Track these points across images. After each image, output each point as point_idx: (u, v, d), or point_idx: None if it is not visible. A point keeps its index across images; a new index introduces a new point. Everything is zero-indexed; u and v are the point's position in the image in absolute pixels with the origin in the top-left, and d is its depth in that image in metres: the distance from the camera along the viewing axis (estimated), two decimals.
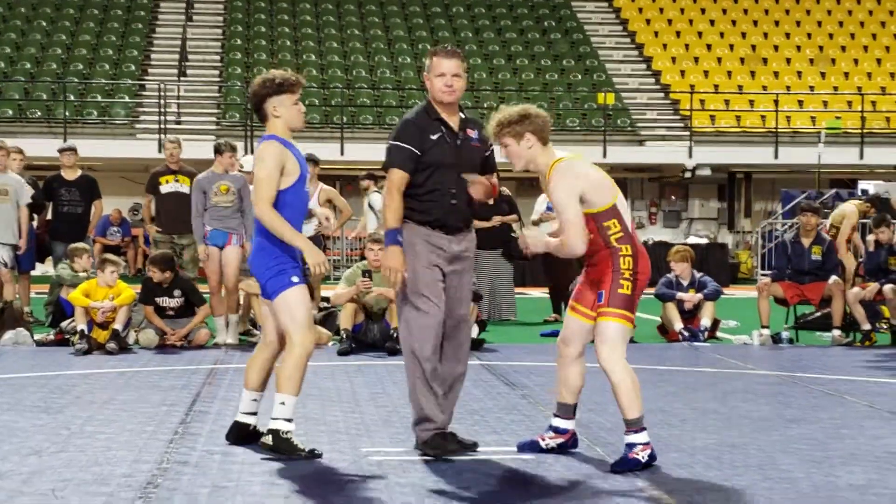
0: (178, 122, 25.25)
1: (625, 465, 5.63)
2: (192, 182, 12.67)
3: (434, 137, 6.06)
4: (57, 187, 13.66)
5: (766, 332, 12.04)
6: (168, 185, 12.74)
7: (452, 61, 6.07)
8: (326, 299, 12.59)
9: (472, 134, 6.21)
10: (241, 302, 12.06)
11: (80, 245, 12.22)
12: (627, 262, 5.76)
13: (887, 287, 11.81)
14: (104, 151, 23.03)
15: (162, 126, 23.66)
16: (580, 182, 5.72)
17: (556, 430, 6.09)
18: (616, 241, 5.77)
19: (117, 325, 10.84)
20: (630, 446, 5.68)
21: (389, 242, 6.01)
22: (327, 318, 11.98)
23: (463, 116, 6.23)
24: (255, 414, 6.26)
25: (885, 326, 12.31)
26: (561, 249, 5.75)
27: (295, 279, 6.00)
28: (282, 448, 5.87)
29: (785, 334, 12.06)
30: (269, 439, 5.91)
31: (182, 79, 26.89)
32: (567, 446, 6.07)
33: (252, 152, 20.84)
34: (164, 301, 11.25)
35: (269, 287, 6.03)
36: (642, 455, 5.65)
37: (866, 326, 11.86)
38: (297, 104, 6.07)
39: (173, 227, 12.50)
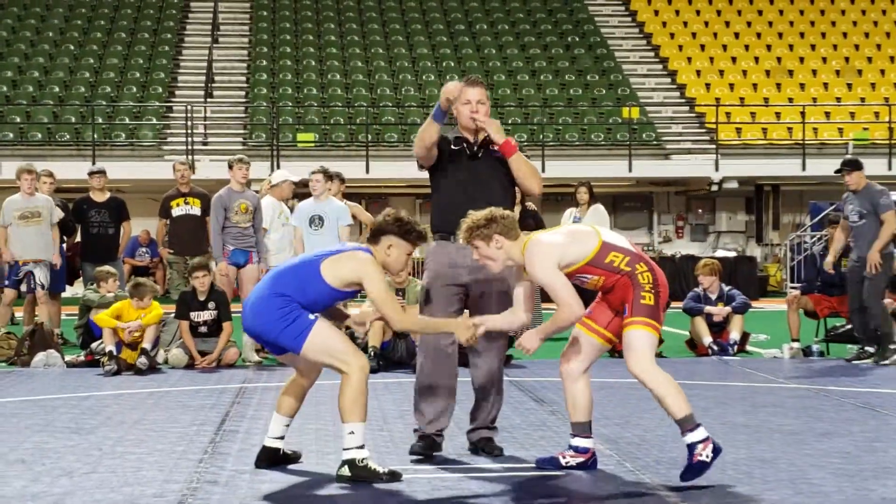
0: (205, 143, 25.41)
1: (693, 472, 5.57)
2: (203, 202, 12.80)
3: (455, 149, 6.48)
4: (87, 209, 13.76)
5: (796, 345, 11.97)
6: (179, 209, 12.86)
7: (476, 89, 6.44)
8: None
9: (496, 149, 6.46)
10: None
11: (105, 269, 12.31)
12: (647, 278, 5.77)
13: None
14: (132, 173, 23.20)
15: (189, 147, 23.80)
16: (550, 252, 5.71)
17: (576, 450, 6.05)
18: (627, 265, 5.76)
19: (146, 345, 10.89)
20: (691, 448, 5.60)
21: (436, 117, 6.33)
22: (351, 337, 11.99)
23: (487, 136, 6.46)
24: (282, 438, 6.22)
25: None
26: (560, 323, 5.73)
27: (311, 316, 5.85)
28: (362, 475, 5.70)
29: (815, 347, 11.99)
30: (345, 470, 5.74)
31: (208, 100, 27.06)
32: (587, 465, 6.03)
33: (278, 168, 20.94)
34: (199, 315, 11.29)
35: (286, 338, 5.83)
36: (705, 454, 5.59)
37: None
38: (409, 255, 6.02)
39: (186, 249, 12.65)
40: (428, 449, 6.38)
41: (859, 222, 11.16)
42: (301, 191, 13.64)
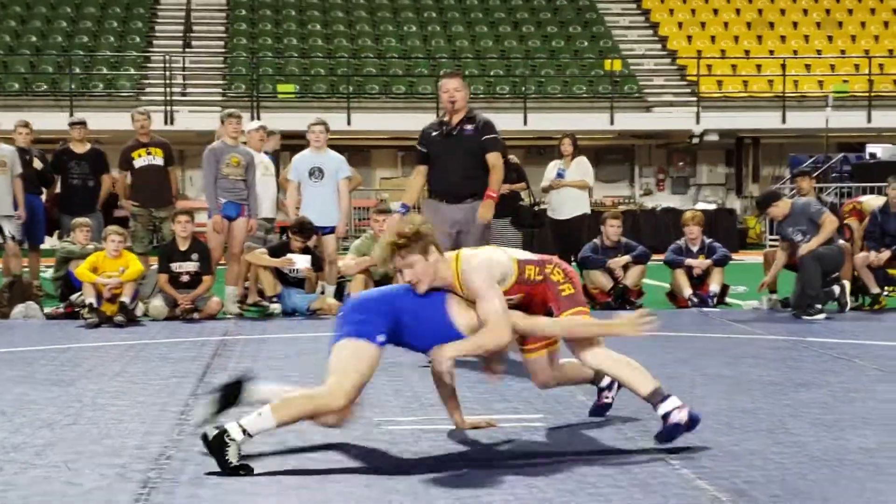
0: (184, 94, 25.25)
1: (668, 434, 5.38)
2: (165, 151, 12.65)
3: (434, 134, 8.69)
4: (66, 160, 13.64)
5: (774, 296, 12.03)
6: (141, 159, 12.69)
7: (454, 80, 8.61)
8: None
9: (468, 127, 8.60)
10: (249, 274, 12.12)
11: (80, 220, 12.25)
12: (558, 274, 5.65)
13: None
14: (110, 124, 23.01)
15: (167, 98, 23.66)
16: (495, 268, 5.47)
17: (608, 387, 6.09)
18: (539, 274, 5.62)
19: (125, 298, 10.88)
20: (665, 416, 5.41)
21: (401, 210, 8.69)
22: (338, 289, 11.99)
23: (465, 116, 8.63)
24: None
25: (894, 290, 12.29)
26: (484, 344, 5.29)
27: (381, 338, 5.20)
28: (210, 448, 4.95)
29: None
30: (213, 431, 4.97)
31: (187, 50, 26.85)
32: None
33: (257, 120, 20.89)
34: (180, 266, 11.28)
35: (346, 328, 5.22)
36: (680, 417, 5.37)
37: (875, 290, 11.85)
38: None
39: (151, 201, 12.50)
40: None
41: (804, 238, 11.35)
42: (286, 143, 13.58)
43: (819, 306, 11.15)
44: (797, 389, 7.02)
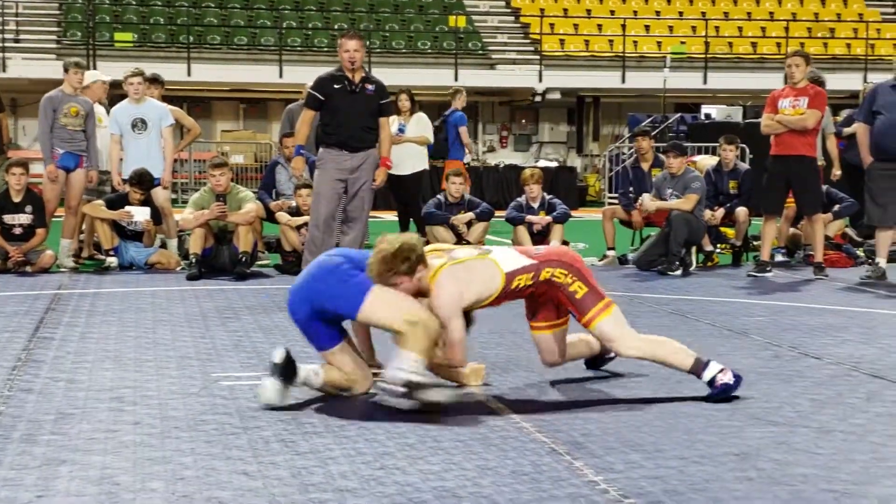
0: (17, 41, 24.37)
1: (718, 393, 5.56)
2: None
3: (337, 87, 9.43)
4: None
5: (611, 253, 12.28)
6: None
7: (353, 41, 9.42)
8: None
9: (369, 86, 9.51)
10: (85, 227, 11.83)
11: None
12: (560, 274, 5.65)
13: (740, 210, 12.13)
14: None
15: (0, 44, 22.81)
16: (461, 289, 5.52)
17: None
18: (532, 279, 5.64)
19: None
20: (710, 382, 5.59)
21: (296, 153, 9.84)
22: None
23: (365, 75, 9.56)
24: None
25: (726, 247, 12.67)
26: (451, 360, 5.63)
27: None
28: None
29: (631, 256, 12.31)
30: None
31: None
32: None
33: (94, 69, 20.32)
34: (14, 218, 10.95)
35: (350, 304, 5.37)
36: (727, 378, 5.57)
37: (709, 248, 12.18)
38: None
39: None
40: None
41: None
42: (117, 92, 13.23)
43: (678, 263, 11.41)
44: None
